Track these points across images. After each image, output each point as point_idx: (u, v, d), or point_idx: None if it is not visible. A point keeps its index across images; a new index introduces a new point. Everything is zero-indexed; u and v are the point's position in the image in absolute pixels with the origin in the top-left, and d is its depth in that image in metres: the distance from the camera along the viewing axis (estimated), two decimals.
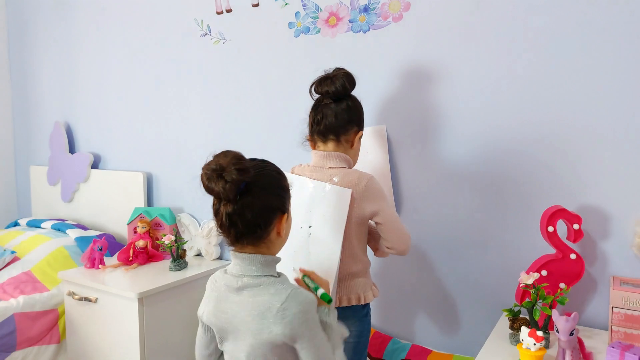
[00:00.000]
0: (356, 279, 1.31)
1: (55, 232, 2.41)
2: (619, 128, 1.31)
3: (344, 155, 1.33)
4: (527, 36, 1.41)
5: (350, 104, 1.34)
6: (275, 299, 0.93)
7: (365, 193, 1.26)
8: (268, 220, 0.98)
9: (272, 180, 1.00)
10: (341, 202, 1.24)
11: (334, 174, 1.29)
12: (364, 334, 1.35)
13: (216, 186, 0.92)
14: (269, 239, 1.00)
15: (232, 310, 0.98)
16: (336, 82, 1.31)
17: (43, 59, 2.85)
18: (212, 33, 2.08)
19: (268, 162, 1.04)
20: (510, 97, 1.45)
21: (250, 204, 0.94)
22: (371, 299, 1.34)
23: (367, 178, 1.28)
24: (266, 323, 0.93)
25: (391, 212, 1.30)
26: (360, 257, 1.32)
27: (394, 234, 1.28)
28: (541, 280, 1.30)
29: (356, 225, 1.29)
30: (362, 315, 1.34)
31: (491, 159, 1.49)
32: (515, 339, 1.23)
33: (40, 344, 1.94)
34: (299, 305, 0.93)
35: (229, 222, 0.95)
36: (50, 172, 2.77)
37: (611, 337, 1.21)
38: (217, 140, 2.11)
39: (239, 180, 0.91)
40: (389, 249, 1.30)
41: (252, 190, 0.95)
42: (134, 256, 1.99)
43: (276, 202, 0.99)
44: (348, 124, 1.33)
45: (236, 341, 1.00)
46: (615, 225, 1.33)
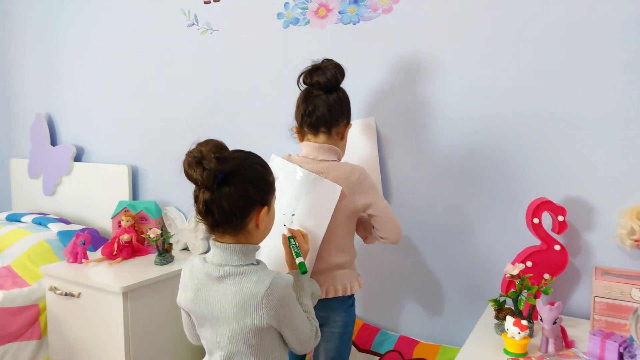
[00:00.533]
0: (342, 270, 1.32)
1: (36, 226, 2.36)
2: (602, 122, 1.33)
3: (335, 148, 1.33)
4: (515, 29, 1.42)
5: (341, 96, 1.34)
6: (259, 286, 0.97)
7: (358, 186, 1.27)
8: (245, 211, 1.00)
9: (254, 173, 1.02)
10: (329, 197, 1.25)
11: (326, 166, 1.29)
12: (349, 324, 1.36)
13: (194, 173, 0.95)
14: (247, 230, 1.02)
15: (213, 298, 1.01)
16: (327, 73, 1.30)
17: (24, 48, 2.78)
18: (199, 23, 2.05)
19: (253, 155, 1.06)
20: (497, 91, 1.46)
21: (228, 194, 0.97)
22: (356, 290, 1.35)
23: (359, 171, 1.28)
24: (251, 309, 0.97)
25: (384, 203, 1.31)
26: (347, 249, 1.33)
27: (388, 225, 1.30)
28: (526, 271, 1.32)
29: (346, 217, 1.29)
30: (348, 305, 1.35)
31: (478, 152, 1.50)
32: (501, 329, 1.25)
33: (20, 339, 1.90)
34: (281, 290, 0.98)
35: (205, 209, 0.99)
36: (32, 165, 2.71)
37: (593, 326, 1.23)
38: (204, 132, 2.07)
39: (216, 169, 0.94)
40: (383, 239, 1.32)
41: (231, 180, 0.97)
42: (118, 250, 1.96)
43: (255, 195, 1.01)
44: (340, 116, 1.33)
45: (215, 327, 1.03)
46: (598, 216, 1.36)
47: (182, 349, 1.88)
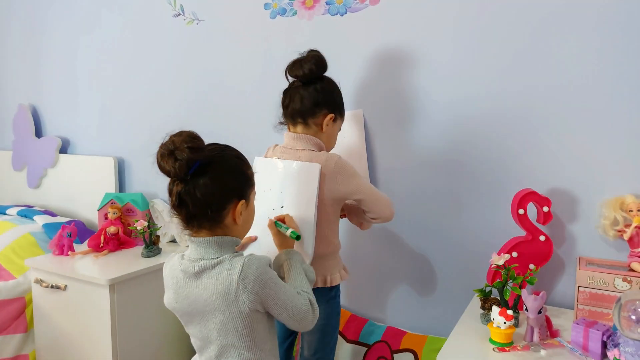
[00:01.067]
0: (323, 261, 1.31)
1: (20, 219, 2.32)
2: (586, 114, 1.34)
3: (313, 138, 1.32)
4: (502, 22, 1.42)
5: (319, 87, 1.33)
6: (232, 272, 0.95)
7: (336, 175, 1.26)
8: (220, 203, 0.97)
9: (229, 164, 1.00)
10: (311, 177, 1.24)
11: (303, 155, 1.29)
12: (332, 316, 1.35)
13: (167, 164, 0.93)
14: (224, 224, 1.00)
15: (194, 295, 0.99)
16: (304, 66, 1.31)
17: (6, 38, 2.71)
18: (185, 13, 2.02)
19: (230, 147, 1.04)
20: (484, 82, 1.46)
21: (202, 185, 0.94)
22: (338, 282, 1.34)
23: (334, 159, 1.27)
24: (231, 297, 0.95)
25: (366, 184, 1.31)
26: (330, 239, 1.32)
27: (377, 204, 1.30)
28: (511, 261, 1.33)
29: (328, 206, 1.28)
30: (329, 297, 1.34)
31: (464, 143, 1.51)
32: (487, 319, 1.26)
33: (5, 333, 1.88)
34: (255, 270, 0.95)
35: (178, 202, 0.96)
36: (15, 157, 2.66)
37: (576, 315, 1.25)
38: (191, 123, 2.05)
39: (189, 158, 0.92)
40: (376, 220, 1.32)
41: (206, 171, 0.95)
42: (104, 242, 1.94)
43: (232, 186, 0.99)
44: (316, 107, 1.32)
45: (203, 322, 1.00)
46: (582, 207, 1.37)
47: (168, 341, 1.88)
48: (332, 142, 1.41)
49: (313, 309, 1.04)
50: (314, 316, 1.05)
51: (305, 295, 1.05)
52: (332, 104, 1.35)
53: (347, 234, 1.69)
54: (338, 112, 1.37)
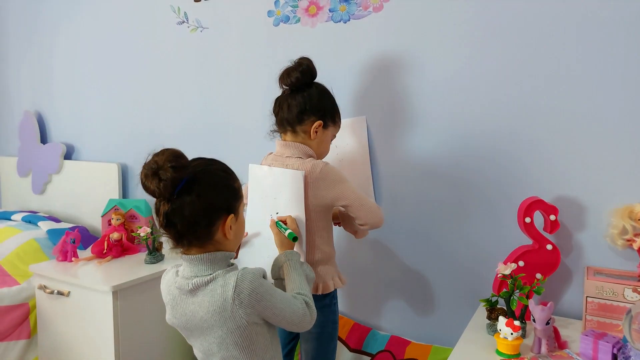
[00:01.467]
0: (315, 269, 1.29)
1: (25, 225, 2.33)
2: (594, 121, 1.33)
3: (302, 146, 1.32)
4: (504, 28, 1.41)
5: (306, 95, 1.32)
6: (227, 288, 0.94)
7: (322, 181, 1.26)
8: (209, 220, 0.96)
9: (215, 179, 0.99)
10: (296, 184, 1.25)
11: (290, 163, 1.29)
12: (326, 324, 1.34)
13: (151, 184, 0.92)
14: (215, 240, 0.99)
15: (191, 311, 0.98)
16: (291, 74, 1.32)
17: (12, 44, 2.74)
18: (189, 21, 2.03)
19: (215, 161, 1.03)
20: (488, 90, 1.45)
21: (189, 203, 0.93)
22: (331, 289, 1.32)
23: (320, 166, 1.27)
24: (227, 314, 0.94)
25: (353, 190, 1.29)
26: (321, 247, 1.31)
27: (363, 210, 1.28)
28: (518, 270, 1.31)
29: (315, 213, 1.28)
30: (323, 305, 1.32)
31: (470, 151, 1.49)
32: (493, 329, 1.24)
33: (9, 339, 1.88)
34: (250, 284, 0.94)
35: (166, 222, 0.95)
36: (21, 163, 2.68)
37: (585, 326, 1.23)
38: (194, 130, 2.07)
39: (173, 178, 0.91)
40: (363, 226, 1.30)
41: (191, 188, 0.94)
42: (108, 249, 1.94)
43: (219, 202, 0.97)
44: (303, 115, 1.31)
45: (203, 337, 1.00)
46: (590, 216, 1.35)
47: (172, 348, 1.87)
48: (324, 149, 1.39)
49: (310, 311, 1.05)
50: (312, 317, 1.06)
51: (300, 297, 1.05)
52: (320, 110, 1.33)
53: (350, 242, 1.67)
54: (328, 118, 1.35)
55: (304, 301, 1.05)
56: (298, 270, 1.14)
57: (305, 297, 1.06)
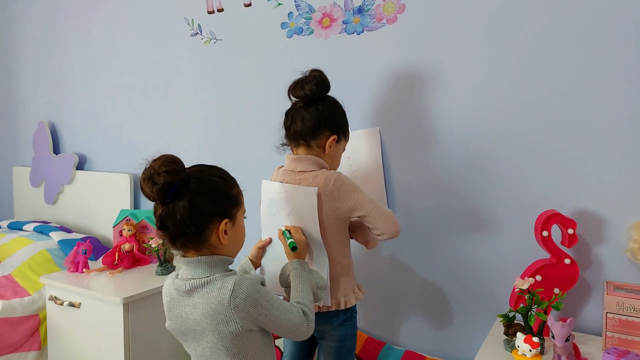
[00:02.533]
0: (336, 283, 1.28)
1: (37, 235, 2.34)
2: (613, 133, 1.31)
3: (315, 159, 1.30)
4: (521, 38, 1.41)
5: (321, 108, 1.30)
6: (223, 292, 0.95)
7: (336, 192, 1.24)
8: (200, 224, 0.98)
9: (209, 185, 1.00)
10: (309, 202, 1.24)
11: (304, 177, 1.28)
12: (346, 339, 1.32)
13: (146, 188, 0.96)
14: (210, 244, 1.00)
15: (186, 313, 1.00)
16: (305, 87, 1.30)
17: (27, 56, 2.78)
18: (202, 33, 2.05)
19: (212, 167, 1.05)
20: (504, 101, 1.44)
21: (180, 207, 0.96)
22: (354, 303, 1.31)
23: (334, 177, 1.25)
24: (221, 317, 0.95)
25: (369, 200, 1.26)
26: (339, 259, 1.30)
27: (380, 220, 1.24)
28: (536, 285, 1.29)
29: (331, 226, 1.27)
30: (344, 319, 1.31)
31: (485, 162, 1.48)
32: (510, 345, 1.21)
33: (20, 350, 1.87)
34: (245, 291, 0.95)
35: (160, 224, 0.98)
36: (34, 173, 2.70)
37: (605, 343, 1.20)
38: (206, 141, 2.08)
39: (166, 182, 0.94)
40: (380, 236, 1.26)
41: (183, 193, 0.97)
42: (119, 260, 1.94)
43: (211, 207, 0.99)
44: (317, 129, 1.30)
45: (196, 340, 1.02)
46: (609, 230, 1.33)
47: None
48: (336, 163, 1.38)
49: (307, 321, 1.05)
50: (309, 327, 1.05)
51: (299, 307, 1.06)
52: (334, 124, 1.32)
53: (364, 256, 1.66)
54: (341, 132, 1.34)
55: (302, 310, 1.05)
56: (303, 279, 1.14)
57: (304, 307, 1.07)
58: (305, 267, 1.18)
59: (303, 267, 1.17)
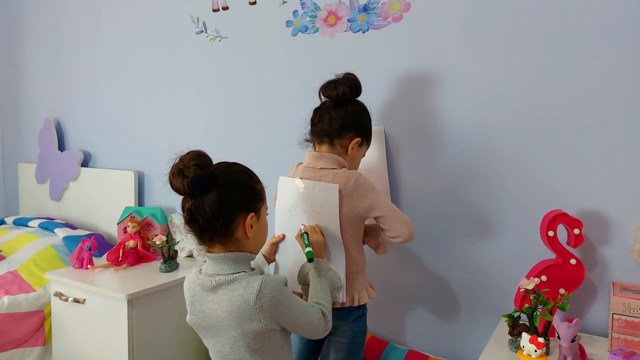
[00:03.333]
0: (350, 280, 1.30)
1: (42, 231, 2.35)
2: (619, 132, 1.30)
3: (335, 157, 1.32)
4: (526, 38, 1.40)
5: (350, 110, 1.34)
6: (249, 292, 0.97)
7: (356, 192, 1.26)
8: (228, 217, 1.00)
9: (236, 179, 1.04)
10: (331, 198, 1.25)
11: (325, 174, 1.29)
12: (358, 335, 1.34)
13: (176, 182, 0.98)
14: (236, 238, 1.03)
15: (209, 309, 1.02)
16: (338, 88, 1.32)
17: (33, 53, 2.79)
18: (207, 31, 2.05)
19: (237, 164, 1.09)
20: (509, 100, 1.43)
21: (209, 200, 0.99)
22: (366, 300, 1.33)
23: (355, 176, 1.27)
24: (246, 315, 0.98)
25: (386, 201, 1.28)
26: (354, 257, 1.31)
27: (396, 222, 1.26)
28: (541, 285, 1.28)
29: (349, 225, 1.28)
30: (357, 316, 1.33)
31: (490, 162, 1.47)
32: (515, 345, 1.21)
33: (25, 346, 1.88)
34: (271, 291, 0.98)
35: (189, 217, 1.01)
36: (39, 170, 2.71)
37: (611, 344, 1.19)
38: (211, 139, 2.08)
39: (196, 176, 0.97)
40: (395, 239, 1.27)
41: (212, 187, 1.00)
42: (123, 257, 1.95)
43: (238, 200, 1.02)
44: (343, 129, 1.32)
45: (217, 336, 1.03)
46: (615, 230, 1.32)
47: (186, 356, 1.86)
48: (356, 166, 1.40)
49: (326, 321, 1.08)
50: (326, 327, 1.09)
51: (317, 307, 1.09)
52: (360, 128, 1.35)
53: (369, 256, 1.65)
54: (365, 137, 1.37)
55: (321, 311, 1.08)
56: (322, 279, 1.17)
57: (322, 307, 1.10)
58: (324, 266, 1.20)
59: (322, 267, 1.20)
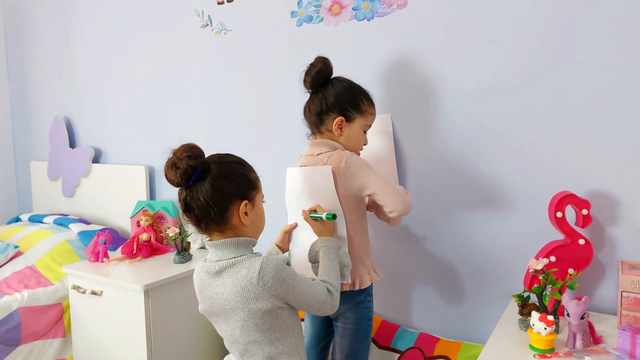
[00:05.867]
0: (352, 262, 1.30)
1: (57, 227, 2.40)
2: (627, 112, 1.30)
3: (328, 141, 1.35)
4: (532, 21, 1.40)
5: (321, 95, 1.35)
6: (252, 271, 1.01)
7: (347, 171, 1.29)
8: (222, 205, 1.03)
9: (229, 169, 1.07)
10: (325, 180, 1.29)
11: (321, 158, 1.33)
12: (362, 321, 1.34)
13: (170, 174, 1.02)
14: (232, 225, 1.06)
15: (216, 294, 1.06)
16: (306, 78, 1.36)
17: (41, 52, 2.82)
18: (213, 24, 2.06)
19: (230, 155, 1.11)
20: (516, 82, 1.44)
21: (203, 190, 1.02)
22: (367, 284, 1.32)
23: (346, 156, 1.30)
24: (251, 295, 1.01)
25: (377, 178, 1.28)
26: (354, 239, 1.32)
27: (389, 197, 1.25)
28: (550, 265, 1.30)
29: (347, 205, 1.30)
30: (358, 301, 1.33)
31: (498, 144, 1.48)
32: (525, 324, 1.23)
33: (45, 337, 1.94)
34: (273, 269, 1.01)
35: (185, 207, 1.05)
36: (51, 167, 2.76)
37: (620, 321, 1.21)
38: (219, 132, 2.10)
39: (188, 166, 1.01)
40: (392, 213, 1.27)
41: (205, 177, 1.03)
42: (137, 249, 1.99)
43: (230, 188, 1.05)
44: (322, 114, 1.35)
45: (227, 320, 1.07)
46: (623, 210, 1.33)
47: (202, 345, 1.90)
48: (355, 143, 1.38)
49: (332, 298, 1.11)
50: (333, 304, 1.11)
51: (324, 285, 1.11)
52: (337, 106, 1.34)
53: (377, 239, 1.68)
54: (350, 110, 1.34)
55: (327, 289, 1.11)
56: (331, 257, 1.19)
57: (329, 285, 1.12)
58: (334, 244, 1.23)
59: (332, 245, 1.22)
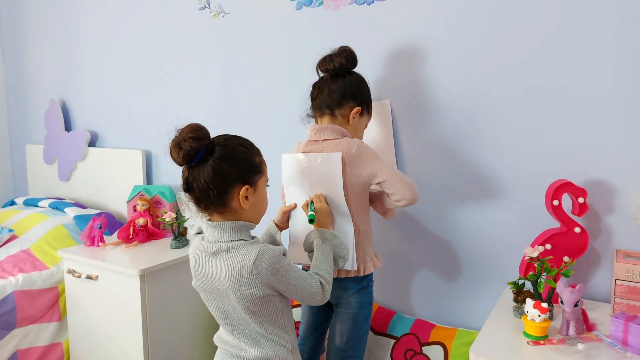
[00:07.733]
0: (356, 250, 1.31)
1: (53, 211, 2.39)
2: (624, 100, 1.30)
3: (338, 128, 1.34)
4: (531, 7, 1.38)
5: (347, 80, 1.36)
6: (247, 258, 1.03)
7: (357, 158, 1.28)
8: (222, 188, 1.04)
9: (232, 152, 1.06)
10: (333, 167, 1.28)
11: (327, 145, 1.32)
12: (364, 306, 1.37)
13: (174, 153, 1.03)
14: (232, 208, 1.07)
15: (211, 273, 1.08)
16: (335, 61, 1.35)
17: (37, 34, 2.78)
18: (211, 6, 2.03)
19: (236, 137, 1.11)
20: (514, 70, 1.43)
21: (205, 171, 1.03)
22: (371, 270, 1.35)
23: (357, 144, 1.30)
24: (244, 281, 1.03)
25: (388, 166, 1.30)
26: (360, 227, 1.33)
27: (400, 185, 1.27)
28: (545, 253, 1.30)
29: (353, 192, 1.30)
30: (362, 287, 1.35)
31: (497, 133, 1.48)
32: (520, 312, 1.24)
33: (41, 321, 1.94)
34: (268, 260, 1.03)
35: (186, 186, 1.07)
36: (47, 151, 2.74)
37: (614, 309, 1.22)
38: (217, 115, 2.09)
39: (191, 148, 1.01)
40: (399, 202, 1.29)
41: (207, 159, 1.04)
42: (134, 234, 1.98)
43: (232, 172, 1.05)
44: (342, 99, 1.35)
45: (219, 299, 1.10)
46: (619, 198, 1.33)
47: (198, 329, 1.91)
48: (358, 136, 1.41)
49: (323, 291, 1.13)
50: (323, 297, 1.13)
51: (317, 277, 1.13)
52: (359, 97, 1.37)
53: (375, 226, 1.67)
54: (365, 106, 1.39)
55: (319, 282, 1.13)
56: (324, 249, 1.20)
57: (321, 278, 1.14)
58: (328, 235, 1.23)
59: (325, 236, 1.23)
